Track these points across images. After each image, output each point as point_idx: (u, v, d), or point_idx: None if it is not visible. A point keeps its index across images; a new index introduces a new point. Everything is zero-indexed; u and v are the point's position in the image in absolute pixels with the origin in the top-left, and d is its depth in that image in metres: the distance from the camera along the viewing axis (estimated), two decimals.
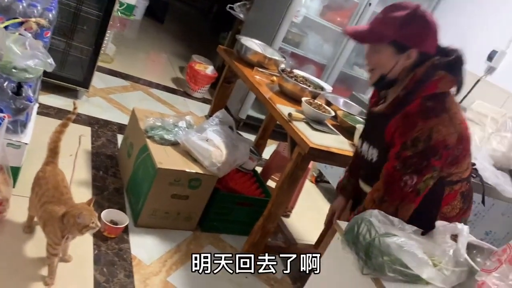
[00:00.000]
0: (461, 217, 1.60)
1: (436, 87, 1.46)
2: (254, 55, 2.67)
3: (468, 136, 1.50)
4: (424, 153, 1.41)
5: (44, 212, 1.67)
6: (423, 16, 1.49)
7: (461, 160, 1.50)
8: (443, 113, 1.42)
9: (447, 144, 1.42)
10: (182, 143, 2.33)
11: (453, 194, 1.54)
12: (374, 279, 1.11)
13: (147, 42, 5.44)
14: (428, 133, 1.40)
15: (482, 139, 2.73)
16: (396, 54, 1.50)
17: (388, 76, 1.54)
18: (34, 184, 1.80)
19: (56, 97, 3.07)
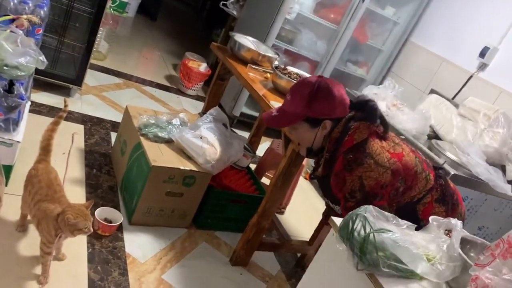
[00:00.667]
0: (454, 215, 1.63)
1: (353, 139, 1.57)
2: (248, 52, 2.67)
3: (406, 163, 1.58)
4: (365, 200, 1.52)
5: (38, 210, 1.66)
6: (326, 88, 1.63)
7: (413, 185, 1.59)
8: (366, 159, 1.52)
9: (382, 184, 1.52)
10: (176, 140, 2.33)
11: (429, 206, 1.62)
12: (368, 274, 1.12)
13: (140, 39, 5.41)
14: (358, 182, 1.52)
15: (474, 135, 2.75)
16: (312, 128, 1.66)
17: (313, 147, 1.71)
18: (27, 182, 1.78)
19: (49, 95, 3.05)
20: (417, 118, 2.75)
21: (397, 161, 1.56)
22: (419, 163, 1.62)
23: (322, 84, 1.64)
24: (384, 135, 1.63)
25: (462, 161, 2.45)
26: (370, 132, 1.59)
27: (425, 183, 1.61)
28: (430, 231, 1.27)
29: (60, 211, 1.60)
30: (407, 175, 1.57)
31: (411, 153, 1.64)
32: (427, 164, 1.67)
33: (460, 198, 1.71)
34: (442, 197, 1.63)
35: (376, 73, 4.20)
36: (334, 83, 1.68)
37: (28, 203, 1.74)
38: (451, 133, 2.84)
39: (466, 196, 2.44)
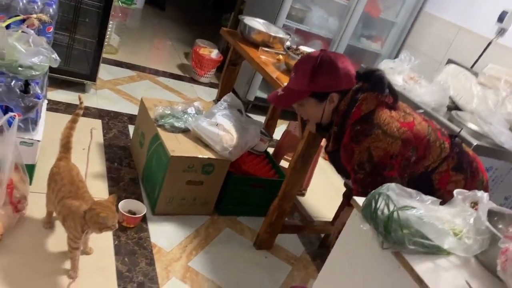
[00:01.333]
0: (474, 183, 1.60)
1: (360, 111, 1.55)
2: (258, 34, 2.63)
3: (418, 132, 1.54)
4: (374, 171, 1.49)
5: (63, 207, 1.69)
6: (329, 60, 1.60)
7: (426, 154, 1.55)
8: (374, 129, 1.50)
9: (391, 154, 1.49)
10: (192, 129, 2.33)
11: (446, 175, 1.58)
12: (394, 253, 1.10)
13: (150, 30, 5.40)
14: (366, 153, 1.49)
15: (496, 103, 2.67)
16: (319, 103, 1.64)
17: (322, 122, 1.70)
18: (50, 180, 1.81)
19: (64, 92, 3.08)
20: (435, 90, 2.69)
21: (408, 130, 1.52)
22: (432, 131, 1.58)
23: (324, 58, 1.61)
24: (394, 105, 1.59)
25: (484, 131, 2.39)
26: (378, 102, 1.56)
27: (440, 152, 1.57)
28: (456, 205, 1.25)
29: (87, 208, 1.62)
30: (419, 144, 1.53)
31: (424, 122, 1.60)
32: (441, 132, 1.62)
33: (481, 166, 1.66)
34: (459, 165, 1.58)
35: (391, 46, 4.11)
36: (337, 55, 1.65)
37: (52, 200, 1.77)
38: (471, 103, 2.77)
39: (491, 166, 2.39)
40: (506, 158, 2.38)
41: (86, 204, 1.65)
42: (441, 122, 2.46)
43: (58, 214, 1.74)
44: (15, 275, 1.67)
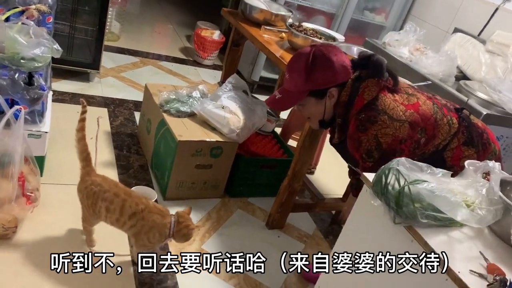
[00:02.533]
0: (486, 155, 1.58)
1: (363, 99, 1.52)
2: (260, 13, 2.60)
3: (424, 113, 1.51)
4: (383, 158, 1.44)
5: (142, 220, 1.67)
6: (321, 55, 1.56)
7: (435, 133, 1.53)
8: (380, 116, 1.47)
9: (400, 139, 1.46)
10: (198, 113, 2.32)
11: (457, 151, 1.56)
12: (407, 227, 1.10)
13: (150, 14, 5.35)
14: (374, 141, 1.46)
15: (505, 70, 2.63)
16: (319, 100, 1.60)
17: (325, 118, 1.66)
18: (91, 199, 1.70)
19: (69, 82, 3.08)
20: (442, 61, 2.65)
21: (414, 112, 1.50)
22: (438, 109, 1.55)
23: (316, 53, 1.57)
24: (395, 88, 1.56)
25: (494, 99, 2.35)
26: (380, 88, 1.52)
27: (449, 128, 1.54)
28: (467, 176, 1.24)
29: (173, 221, 1.69)
30: (427, 125, 1.51)
31: (428, 101, 1.57)
32: (447, 108, 1.59)
33: (492, 136, 1.64)
34: (469, 139, 1.56)
35: (395, 18, 4.04)
36: (329, 47, 1.61)
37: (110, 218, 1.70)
38: (479, 71, 2.72)
39: (501, 135, 2.36)
40: None
41: (163, 216, 1.70)
42: (449, 93, 2.42)
43: (130, 229, 1.70)
44: (31, 267, 1.69)
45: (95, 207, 1.71)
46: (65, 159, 2.32)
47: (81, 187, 1.73)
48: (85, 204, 1.74)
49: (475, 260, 1.04)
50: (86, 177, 1.73)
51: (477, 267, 1.01)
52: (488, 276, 0.98)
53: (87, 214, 1.76)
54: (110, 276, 1.75)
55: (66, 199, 2.06)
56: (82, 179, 1.73)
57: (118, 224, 1.72)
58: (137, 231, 1.70)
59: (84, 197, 1.72)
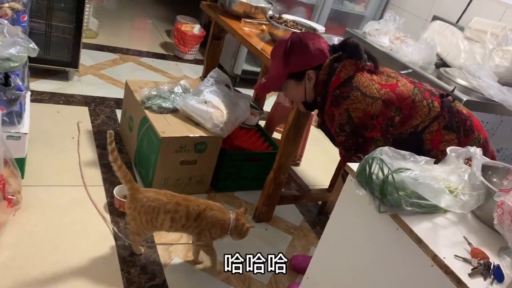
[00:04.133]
0: (468, 142, 1.59)
1: (339, 77, 1.57)
2: (240, 5, 2.58)
3: (401, 93, 1.55)
4: (355, 132, 1.52)
5: (204, 220, 1.78)
6: (298, 41, 1.66)
7: (412, 113, 1.56)
8: (352, 92, 1.53)
9: (372, 115, 1.51)
10: (181, 109, 2.30)
11: (437, 134, 1.58)
12: (392, 215, 1.11)
13: (129, 10, 5.27)
14: (346, 115, 1.52)
15: (483, 56, 2.66)
16: (299, 82, 1.69)
17: (307, 100, 1.74)
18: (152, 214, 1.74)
19: (47, 81, 3.02)
20: (422, 48, 2.66)
21: (390, 91, 1.54)
22: (418, 92, 1.58)
23: (294, 39, 1.68)
24: (375, 71, 1.62)
25: (473, 86, 2.38)
26: (357, 68, 1.59)
27: (428, 111, 1.57)
28: (450, 162, 1.25)
29: (232, 218, 1.82)
30: (403, 104, 1.54)
31: (409, 84, 1.60)
32: (430, 93, 1.62)
33: (477, 124, 1.66)
34: (450, 124, 1.58)
35: (374, 7, 4.05)
36: (307, 34, 1.73)
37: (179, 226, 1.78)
38: (459, 58, 2.75)
39: (482, 120, 2.39)
40: (496, 111, 2.39)
41: (223, 213, 1.83)
42: (430, 80, 2.44)
43: (194, 230, 1.80)
44: (15, 271, 1.66)
45: (155, 221, 1.75)
46: (46, 160, 2.28)
47: (135, 205, 1.74)
48: (141, 220, 1.75)
49: (459, 245, 1.05)
50: (137, 195, 1.74)
51: (461, 252, 1.02)
52: (472, 260, 0.99)
53: (142, 229, 1.78)
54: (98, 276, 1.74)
55: (49, 200, 2.03)
56: (133, 198, 1.75)
57: (183, 229, 1.81)
58: (201, 229, 1.80)
59: (141, 214, 1.74)
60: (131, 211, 1.76)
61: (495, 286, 0.95)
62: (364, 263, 1.24)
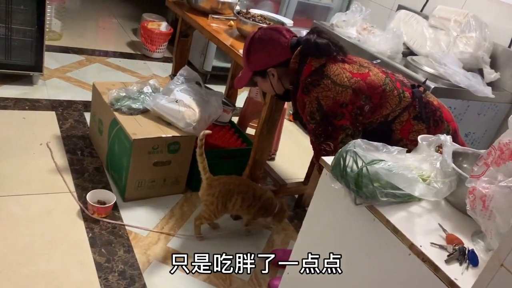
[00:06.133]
0: (437, 132, 1.59)
1: (311, 66, 1.59)
2: (206, 2, 2.54)
3: (371, 82, 1.57)
4: (324, 120, 1.54)
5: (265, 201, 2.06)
6: (258, 39, 1.69)
7: (382, 103, 1.58)
8: (323, 80, 1.54)
9: (341, 103, 1.53)
10: (151, 109, 2.26)
11: (407, 124, 1.60)
12: (368, 207, 1.12)
13: (92, 10, 5.14)
14: (316, 103, 1.54)
15: (448, 43, 2.72)
16: (264, 79, 1.75)
17: (277, 93, 1.80)
18: (227, 196, 1.99)
19: (10, 87, 2.92)
20: (389, 38, 2.70)
21: (361, 79, 1.55)
22: (390, 81, 1.60)
23: (255, 37, 1.70)
24: (345, 59, 1.62)
25: (440, 73, 2.43)
26: (329, 58, 1.59)
27: (399, 101, 1.58)
28: (421, 151, 1.27)
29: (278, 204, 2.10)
30: (373, 94, 1.56)
31: (381, 74, 1.62)
32: (401, 83, 1.64)
33: (447, 115, 1.68)
34: (420, 114, 1.60)
35: None
36: (269, 32, 1.71)
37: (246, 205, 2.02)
38: (425, 46, 2.80)
39: (449, 106, 2.45)
40: (463, 97, 2.45)
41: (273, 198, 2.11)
42: (398, 69, 2.48)
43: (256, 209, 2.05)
44: None
45: (229, 202, 1.99)
46: (13, 168, 2.21)
47: (213, 191, 1.98)
48: (217, 204, 1.99)
49: (434, 232, 1.07)
50: (214, 182, 2.00)
51: (437, 239, 1.04)
52: (447, 247, 1.01)
53: (215, 212, 2.01)
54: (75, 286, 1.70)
55: (18, 211, 1.97)
56: (210, 185, 1.99)
57: (248, 209, 2.04)
58: (257, 210, 2.05)
59: (218, 198, 1.98)
60: (209, 197, 1.98)
61: (471, 270, 0.97)
62: (343, 255, 1.24)
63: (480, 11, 2.76)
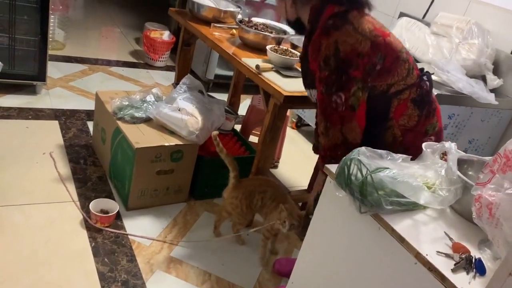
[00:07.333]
0: (426, 124, 1.56)
1: (334, 8, 1.50)
2: (209, 11, 2.56)
3: (391, 43, 1.49)
4: (339, 67, 1.44)
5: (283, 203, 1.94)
6: None
7: (392, 68, 1.50)
8: (345, 25, 1.45)
9: (359, 52, 1.43)
10: (154, 118, 2.26)
11: (403, 104, 1.52)
12: (373, 215, 1.11)
13: (95, 19, 5.17)
14: (334, 47, 1.44)
15: (450, 50, 2.72)
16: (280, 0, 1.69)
17: (288, 18, 1.72)
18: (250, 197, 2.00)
19: (14, 96, 2.93)
20: None
21: (381, 36, 1.48)
22: (405, 52, 1.54)
23: None
24: (370, 15, 1.55)
25: (443, 80, 2.43)
26: (355, 7, 1.51)
27: (407, 74, 1.52)
28: (425, 158, 1.26)
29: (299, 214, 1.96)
30: (388, 55, 1.48)
31: (400, 44, 1.55)
32: (413, 61, 1.59)
33: (439, 113, 1.63)
34: (420, 98, 1.54)
35: None
36: None
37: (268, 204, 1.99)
38: (427, 53, 2.80)
39: (453, 113, 2.45)
40: (466, 103, 2.44)
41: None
42: None
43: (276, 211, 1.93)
44: None
45: (251, 203, 2.00)
46: (16, 178, 2.21)
47: (236, 194, 2.00)
48: (242, 207, 2.00)
49: (440, 240, 1.06)
50: (238, 184, 2.01)
51: (443, 248, 1.03)
52: (454, 256, 1.00)
53: (243, 215, 2.04)
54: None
55: (21, 220, 1.96)
56: (235, 187, 2.01)
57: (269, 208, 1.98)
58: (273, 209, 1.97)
59: (242, 200, 1.99)
60: (233, 200, 2.00)
61: (478, 279, 0.95)
62: (348, 264, 1.23)
63: (482, 18, 2.76)
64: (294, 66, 2.14)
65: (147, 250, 1.99)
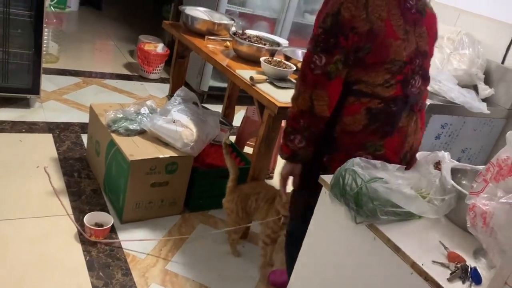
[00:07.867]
0: (369, 137, 1.45)
1: None
2: (202, 23, 2.57)
3: (386, 44, 1.39)
4: (332, 30, 1.39)
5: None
6: None
7: (369, 67, 1.42)
8: None
9: (354, 26, 1.38)
10: (149, 130, 2.26)
11: (357, 106, 1.44)
12: (368, 225, 1.11)
13: (89, 32, 5.18)
14: (337, 7, 1.39)
15: (442, 61, 2.75)
16: None
17: None
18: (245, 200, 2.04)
19: (8, 110, 2.92)
20: None
21: (384, 31, 1.39)
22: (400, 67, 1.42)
23: None
24: None
25: (435, 90, 2.45)
26: None
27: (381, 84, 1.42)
28: (419, 168, 1.27)
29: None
30: (376, 52, 1.40)
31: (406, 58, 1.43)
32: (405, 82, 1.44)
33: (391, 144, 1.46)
34: (377, 113, 1.43)
35: None
36: None
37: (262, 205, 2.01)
38: None
39: (446, 122, 2.47)
40: (459, 113, 2.47)
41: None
42: None
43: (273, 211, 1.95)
44: None
45: (246, 205, 2.04)
46: (8, 191, 2.19)
47: (232, 197, 2.05)
48: (238, 210, 2.04)
49: (436, 250, 1.06)
50: (234, 188, 2.08)
51: (438, 257, 1.03)
52: (450, 265, 1.00)
53: (238, 220, 2.06)
54: None
55: (14, 235, 1.94)
56: (231, 192, 2.07)
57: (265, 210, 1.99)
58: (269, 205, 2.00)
59: (238, 203, 2.04)
60: (229, 204, 2.05)
61: None
62: (344, 275, 1.23)
63: (472, 28, 2.80)
64: (288, 77, 2.16)
65: (142, 264, 1.97)
